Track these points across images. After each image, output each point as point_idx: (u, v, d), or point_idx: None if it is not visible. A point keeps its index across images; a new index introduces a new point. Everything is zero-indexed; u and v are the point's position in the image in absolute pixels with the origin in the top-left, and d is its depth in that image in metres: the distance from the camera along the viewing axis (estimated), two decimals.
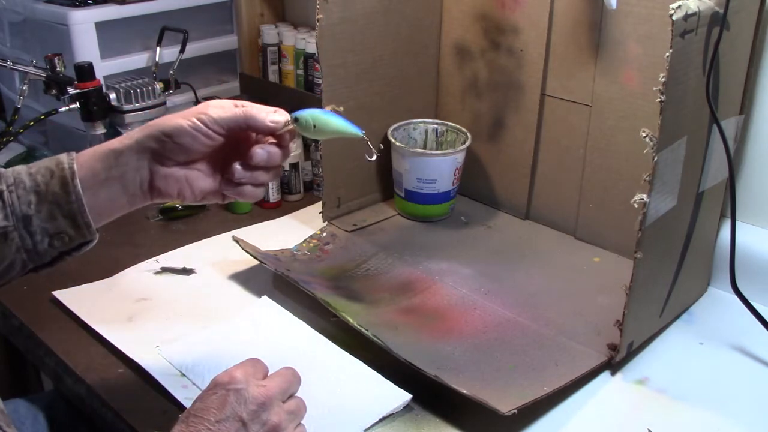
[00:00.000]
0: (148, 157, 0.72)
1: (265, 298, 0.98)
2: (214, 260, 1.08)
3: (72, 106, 1.22)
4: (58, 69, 1.23)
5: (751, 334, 0.92)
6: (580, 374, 0.83)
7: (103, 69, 1.31)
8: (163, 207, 1.20)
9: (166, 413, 0.78)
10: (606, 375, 0.87)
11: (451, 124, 1.21)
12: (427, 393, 0.81)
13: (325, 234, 1.14)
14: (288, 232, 1.15)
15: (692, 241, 0.92)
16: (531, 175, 1.16)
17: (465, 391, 0.77)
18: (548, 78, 1.10)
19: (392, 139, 1.15)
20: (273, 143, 0.75)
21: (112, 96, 1.26)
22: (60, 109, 1.23)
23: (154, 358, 0.85)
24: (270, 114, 0.73)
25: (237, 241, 1.04)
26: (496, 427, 0.77)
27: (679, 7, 0.73)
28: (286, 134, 0.75)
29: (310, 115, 0.74)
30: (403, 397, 0.80)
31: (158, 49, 1.38)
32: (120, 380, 0.84)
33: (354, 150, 1.15)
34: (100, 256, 1.02)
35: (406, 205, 1.18)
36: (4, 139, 1.28)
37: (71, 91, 1.21)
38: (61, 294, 0.97)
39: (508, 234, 1.16)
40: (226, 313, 0.95)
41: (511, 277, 1.03)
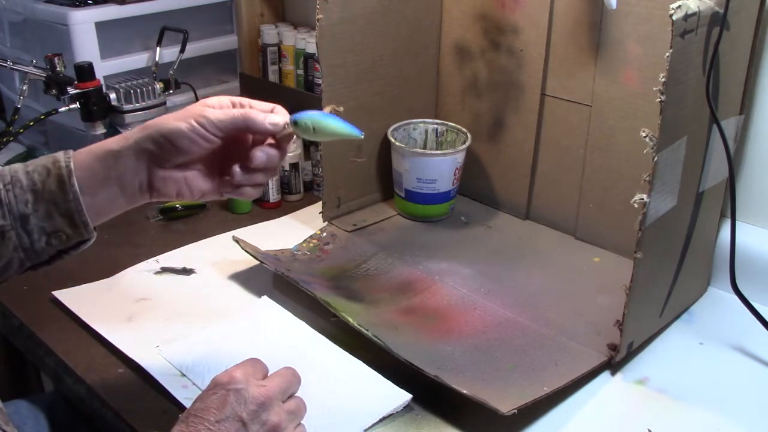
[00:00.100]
0: (147, 159, 0.72)
1: (265, 298, 0.98)
2: (214, 260, 1.08)
3: (72, 106, 1.22)
4: (58, 69, 1.23)
5: (751, 334, 0.92)
6: (580, 374, 0.83)
7: (103, 69, 1.31)
8: (163, 207, 1.20)
9: (166, 413, 0.78)
10: (606, 375, 0.87)
11: (451, 124, 1.21)
12: (427, 393, 0.81)
13: (325, 234, 1.14)
14: (288, 232, 1.15)
15: (692, 241, 0.92)
16: (531, 175, 1.16)
17: (465, 391, 0.77)
18: (548, 78, 1.10)
19: (392, 139, 1.15)
20: (271, 144, 0.75)
21: (112, 96, 1.26)
22: (60, 109, 1.23)
23: (154, 358, 0.85)
24: (269, 116, 0.73)
25: (237, 241, 1.04)
26: (496, 427, 0.77)
27: (679, 7, 0.73)
28: (285, 136, 0.75)
29: (309, 118, 0.74)
30: (403, 397, 0.80)
31: (158, 49, 1.38)
32: (120, 380, 0.84)
33: (354, 150, 1.15)
34: (100, 256, 1.02)
35: (406, 205, 1.18)
36: (4, 139, 1.28)
37: (71, 91, 1.21)
38: (61, 294, 0.97)
39: (508, 234, 1.16)
40: (226, 313, 0.95)
41: (511, 277, 1.03)
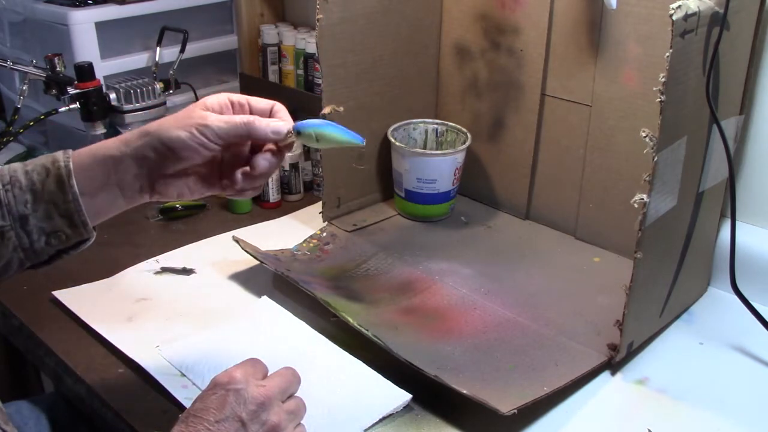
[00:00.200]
0: (147, 165, 0.72)
1: (265, 298, 0.98)
2: (214, 260, 1.08)
3: (72, 106, 1.22)
4: (58, 69, 1.23)
5: (751, 334, 0.92)
6: (580, 374, 0.83)
7: (103, 69, 1.31)
8: (163, 207, 1.20)
9: (166, 413, 0.78)
10: (606, 375, 0.87)
11: (451, 124, 1.21)
12: (427, 393, 0.81)
13: (325, 234, 1.14)
14: (288, 232, 1.15)
15: (692, 241, 0.92)
16: (531, 175, 1.16)
17: (465, 391, 0.77)
18: (548, 78, 1.10)
19: (392, 139, 1.15)
20: (272, 149, 0.76)
21: (112, 96, 1.26)
22: (60, 109, 1.22)
23: (154, 358, 0.85)
24: (271, 124, 0.73)
25: (237, 241, 1.04)
26: (496, 427, 0.77)
27: (679, 7, 0.73)
28: (287, 143, 0.76)
29: (312, 129, 0.75)
30: (403, 397, 0.80)
31: (158, 49, 1.38)
32: (120, 380, 0.84)
33: (354, 150, 1.15)
34: (100, 256, 1.02)
35: (406, 205, 1.18)
36: (4, 139, 1.28)
37: (71, 91, 1.21)
38: (61, 294, 0.97)
39: (508, 234, 1.16)
40: (226, 313, 0.95)
41: (511, 277, 1.03)
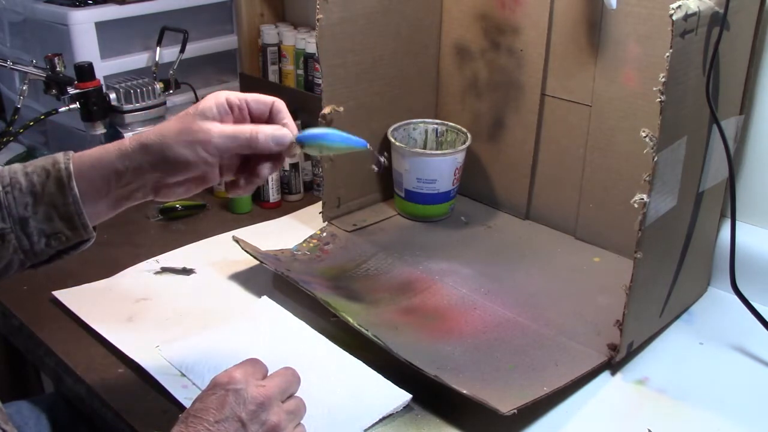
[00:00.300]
0: (150, 178, 0.72)
1: (265, 298, 0.98)
2: (214, 260, 1.08)
3: (72, 106, 1.22)
4: (58, 69, 1.23)
5: (751, 334, 0.92)
6: (580, 374, 0.83)
7: (103, 69, 1.31)
8: (163, 207, 1.20)
9: (166, 413, 0.78)
10: (606, 375, 0.87)
11: (451, 124, 1.21)
12: (427, 393, 0.81)
13: (325, 234, 1.14)
14: (288, 232, 1.15)
15: (692, 241, 0.92)
16: (531, 175, 1.16)
17: (465, 391, 0.77)
18: (548, 78, 1.10)
19: (392, 139, 1.15)
20: (273, 155, 0.76)
21: (112, 96, 1.26)
22: (60, 109, 1.22)
23: (154, 358, 0.85)
24: (274, 135, 0.73)
25: (237, 241, 1.04)
26: (496, 427, 0.77)
27: (679, 7, 0.73)
28: (290, 154, 0.76)
29: (316, 143, 0.76)
30: (403, 397, 0.80)
31: (158, 49, 1.37)
32: (120, 380, 0.84)
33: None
34: (100, 256, 1.02)
35: (406, 205, 1.18)
36: (4, 139, 1.28)
37: (71, 91, 1.21)
38: (61, 294, 0.97)
39: (508, 234, 1.16)
40: (226, 313, 0.95)
41: (511, 277, 1.03)
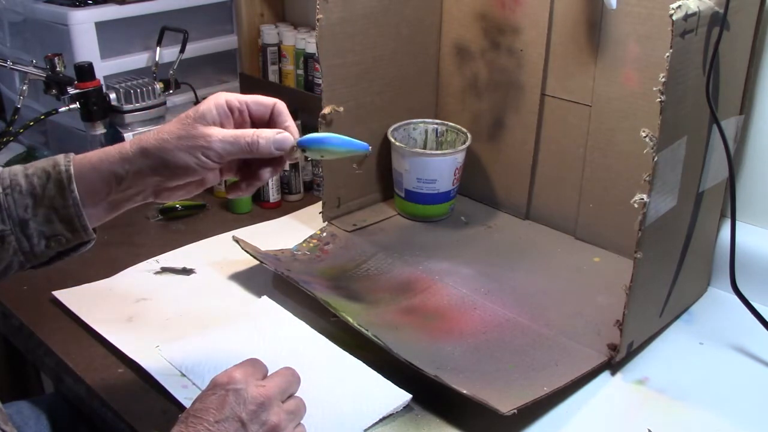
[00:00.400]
0: (150, 183, 0.72)
1: (265, 298, 0.98)
2: (214, 260, 1.08)
3: (72, 106, 1.22)
4: (58, 69, 1.23)
5: (751, 334, 0.92)
6: (580, 374, 0.83)
7: (103, 69, 1.31)
8: (163, 207, 1.20)
9: (166, 413, 0.79)
10: (606, 375, 0.87)
11: (451, 124, 1.21)
12: (427, 393, 0.81)
13: (325, 234, 1.14)
14: (288, 232, 1.15)
15: (692, 241, 0.92)
16: (531, 175, 1.16)
17: (465, 391, 0.77)
18: (548, 78, 1.10)
19: (392, 139, 1.15)
20: (274, 159, 0.76)
21: (112, 96, 1.26)
22: (60, 109, 1.22)
23: (154, 358, 0.85)
24: (276, 141, 0.73)
25: (237, 241, 1.04)
26: (496, 427, 0.77)
27: (679, 7, 0.73)
28: (291, 159, 0.77)
29: (317, 148, 0.76)
30: (403, 397, 0.80)
31: (158, 49, 1.38)
32: (120, 380, 0.84)
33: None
34: (100, 256, 1.02)
35: (406, 205, 1.18)
36: (4, 139, 1.28)
37: (71, 91, 1.21)
38: (61, 294, 0.97)
39: (508, 234, 1.16)
40: (226, 313, 0.95)
41: (511, 277, 1.03)
